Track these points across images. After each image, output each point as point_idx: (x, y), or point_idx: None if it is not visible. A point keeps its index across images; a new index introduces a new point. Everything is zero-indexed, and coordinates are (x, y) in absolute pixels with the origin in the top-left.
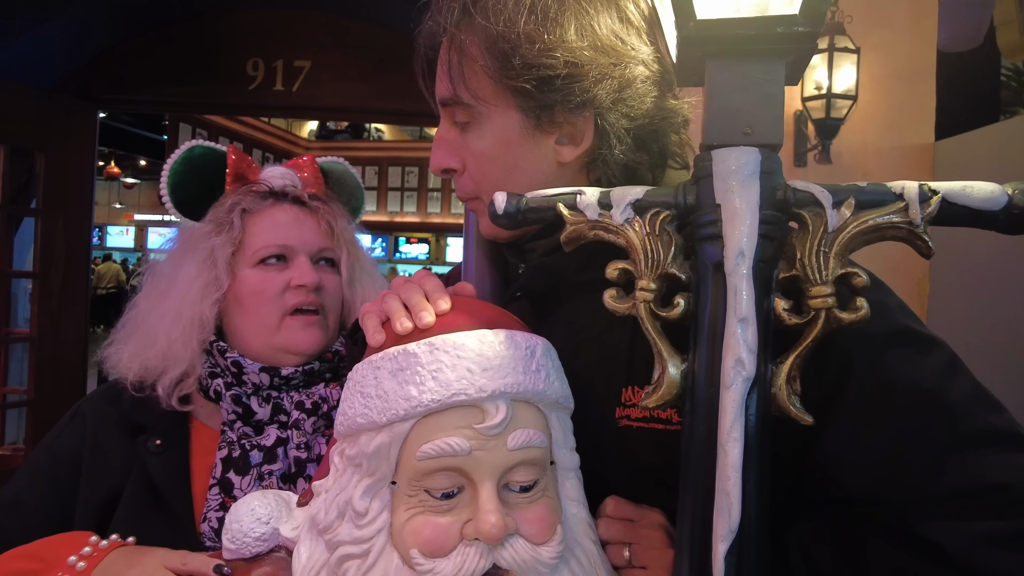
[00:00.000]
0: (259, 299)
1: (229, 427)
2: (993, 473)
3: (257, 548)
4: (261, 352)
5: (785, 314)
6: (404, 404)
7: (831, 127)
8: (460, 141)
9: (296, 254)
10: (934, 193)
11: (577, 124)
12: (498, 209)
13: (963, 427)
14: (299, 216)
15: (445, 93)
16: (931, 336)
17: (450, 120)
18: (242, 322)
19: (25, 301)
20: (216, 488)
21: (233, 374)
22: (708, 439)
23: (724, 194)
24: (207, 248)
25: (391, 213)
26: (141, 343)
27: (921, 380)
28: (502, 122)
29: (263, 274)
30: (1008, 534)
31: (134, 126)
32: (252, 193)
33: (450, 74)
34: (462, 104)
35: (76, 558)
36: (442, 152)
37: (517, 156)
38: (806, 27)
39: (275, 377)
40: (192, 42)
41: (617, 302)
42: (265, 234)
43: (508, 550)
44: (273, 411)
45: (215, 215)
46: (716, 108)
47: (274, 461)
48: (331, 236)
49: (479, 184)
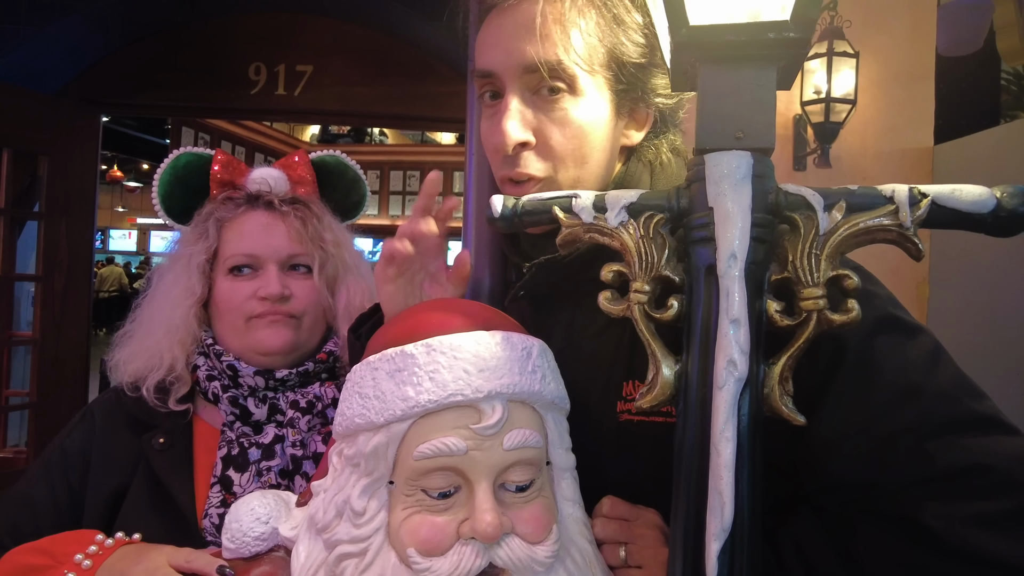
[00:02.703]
0: (228, 307)
1: (228, 427)
2: (978, 455)
3: (256, 547)
4: (240, 354)
5: (777, 316)
6: (401, 404)
7: (830, 131)
8: (540, 114)
9: (264, 263)
10: (924, 196)
11: (641, 109)
12: (495, 212)
13: (947, 412)
14: (268, 223)
15: (549, 56)
16: (916, 325)
17: (529, 89)
18: (219, 327)
19: (28, 304)
20: (217, 486)
21: (229, 376)
22: (701, 439)
23: (716, 197)
24: (186, 256)
25: (393, 217)
26: (133, 348)
27: (907, 366)
28: (597, 97)
29: (233, 283)
30: (993, 515)
31: (137, 130)
32: (228, 201)
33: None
34: (563, 74)
35: (83, 556)
36: (518, 122)
37: (603, 135)
38: (797, 33)
39: (270, 379)
40: (195, 46)
41: (612, 304)
42: (234, 243)
43: (504, 549)
44: (270, 411)
45: (196, 223)
46: (709, 113)
47: (272, 458)
48: (302, 241)
49: (556, 161)
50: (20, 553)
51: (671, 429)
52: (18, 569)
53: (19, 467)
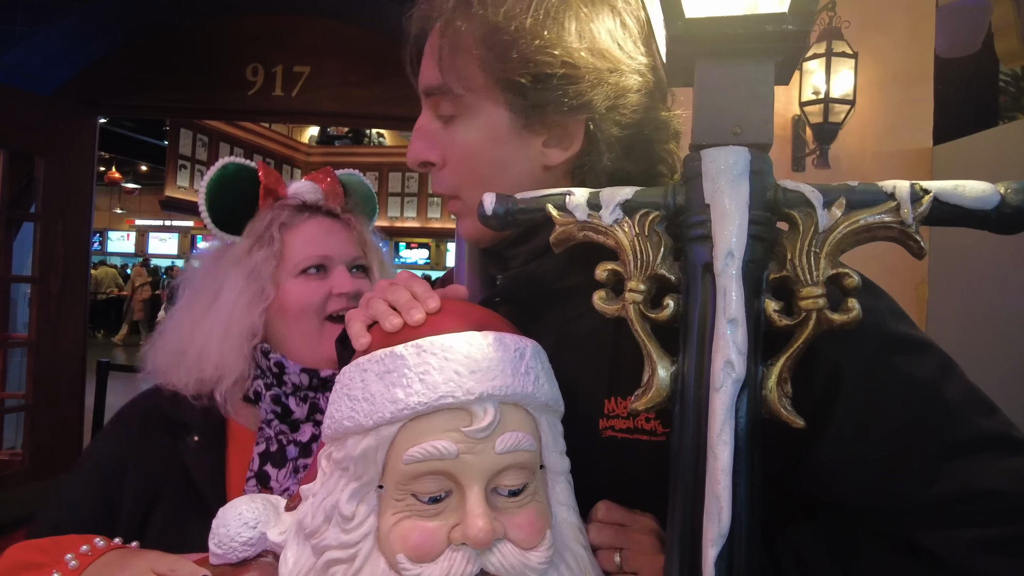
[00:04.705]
0: (302, 307)
1: (267, 424)
2: (985, 479)
3: (244, 553)
4: (304, 359)
5: (776, 315)
6: (391, 407)
7: (829, 132)
8: (442, 134)
9: (334, 263)
10: (926, 192)
11: (568, 127)
12: (487, 210)
13: (955, 434)
14: (333, 228)
15: (432, 81)
16: (921, 340)
17: (433, 111)
18: (287, 330)
19: (24, 306)
20: (253, 480)
21: (274, 374)
22: (698, 442)
23: (713, 194)
24: (250, 263)
25: (391, 218)
26: (194, 359)
27: (912, 388)
28: (490, 117)
29: (305, 284)
30: (1001, 540)
31: (135, 131)
32: (288, 207)
33: (440, 62)
34: (449, 94)
35: (72, 556)
36: (422, 143)
37: (502, 154)
38: (796, 26)
39: (314, 378)
40: (192, 47)
41: (606, 303)
42: (305, 246)
43: (496, 555)
44: (310, 410)
45: (254, 230)
46: (705, 108)
47: (309, 456)
48: (363, 245)
49: (459, 180)
50: (21, 549)
51: (656, 446)
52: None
53: (15, 470)
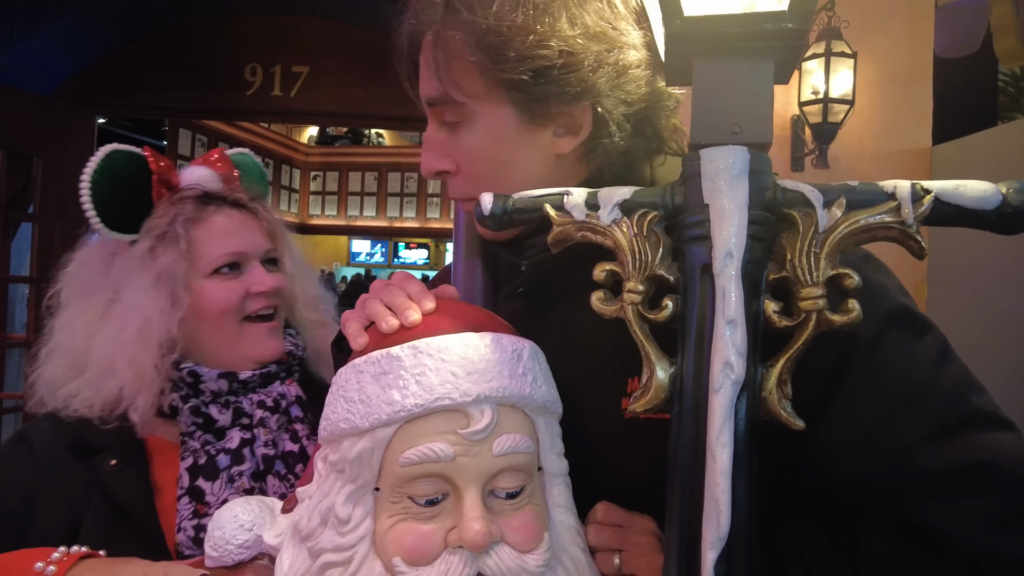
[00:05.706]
0: (222, 310)
1: (190, 437)
2: (982, 453)
3: (240, 555)
4: (223, 362)
5: (775, 316)
6: (387, 409)
7: (828, 132)
8: (451, 141)
9: (248, 259)
10: (926, 192)
11: (574, 114)
12: (484, 211)
13: (954, 411)
14: (243, 220)
15: (433, 92)
16: (925, 320)
17: (439, 120)
18: (204, 335)
19: (22, 306)
20: (186, 497)
21: (189, 384)
22: (696, 444)
23: (712, 194)
24: (157, 267)
25: (390, 218)
26: (96, 377)
27: (915, 368)
28: (495, 118)
29: (221, 284)
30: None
31: (133, 131)
32: (190, 201)
33: (437, 73)
34: (452, 103)
35: (44, 564)
36: (432, 154)
37: (512, 152)
38: (795, 24)
39: (233, 382)
40: (190, 47)
41: (604, 304)
42: (216, 243)
43: (493, 558)
44: (234, 416)
45: (154, 228)
46: (703, 107)
47: (242, 462)
48: (272, 236)
49: (474, 184)
50: None
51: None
52: None
53: None
